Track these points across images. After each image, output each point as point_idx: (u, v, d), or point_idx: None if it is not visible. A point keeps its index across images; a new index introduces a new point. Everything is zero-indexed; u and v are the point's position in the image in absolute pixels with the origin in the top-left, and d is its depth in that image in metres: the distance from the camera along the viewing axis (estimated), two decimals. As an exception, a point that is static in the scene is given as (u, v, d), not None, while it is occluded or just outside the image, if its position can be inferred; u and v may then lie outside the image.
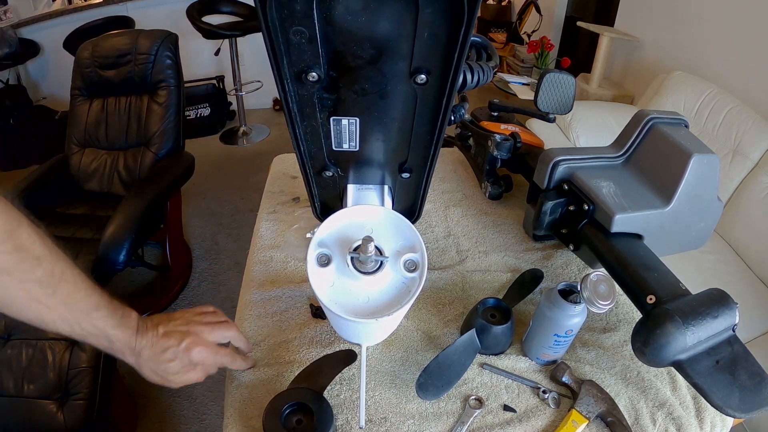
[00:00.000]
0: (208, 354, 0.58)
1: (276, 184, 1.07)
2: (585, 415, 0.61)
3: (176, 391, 1.63)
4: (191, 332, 0.58)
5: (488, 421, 0.62)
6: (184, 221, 2.30)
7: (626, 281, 0.66)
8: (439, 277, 0.83)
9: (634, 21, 2.77)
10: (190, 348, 0.57)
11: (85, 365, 1.17)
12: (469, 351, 0.65)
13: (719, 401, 0.55)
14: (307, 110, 0.49)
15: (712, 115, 1.98)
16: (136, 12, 3.06)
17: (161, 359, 0.56)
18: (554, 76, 0.86)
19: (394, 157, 0.58)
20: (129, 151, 1.88)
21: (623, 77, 2.92)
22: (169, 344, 0.56)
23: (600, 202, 0.73)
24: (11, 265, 0.45)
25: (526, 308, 0.78)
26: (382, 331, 0.62)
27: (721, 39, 2.15)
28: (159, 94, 1.84)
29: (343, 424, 0.61)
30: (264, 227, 0.94)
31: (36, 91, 3.22)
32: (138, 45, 1.81)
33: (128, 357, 0.56)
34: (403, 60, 0.42)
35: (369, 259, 0.50)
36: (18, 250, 0.45)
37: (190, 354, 0.57)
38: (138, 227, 1.52)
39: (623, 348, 0.72)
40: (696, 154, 0.72)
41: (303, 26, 0.38)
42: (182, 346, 0.56)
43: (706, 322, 0.57)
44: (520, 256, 0.88)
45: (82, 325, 0.51)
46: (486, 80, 0.67)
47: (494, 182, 1.00)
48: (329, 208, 0.72)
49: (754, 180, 1.77)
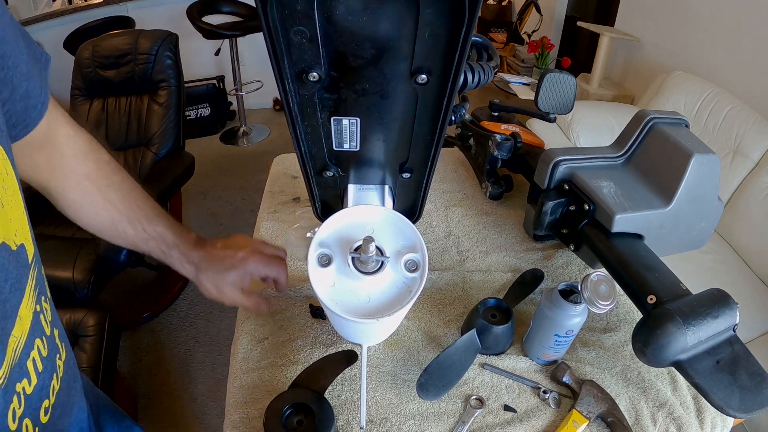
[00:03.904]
0: (262, 264, 0.61)
1: (276, 184, 1.07)
2: (585, 415, 0.61)
3: (177, 391, 1.63)
4: (248, 244, 0.62)
5: (489, 421, 0.62)
6: (185, 221, 2.30)
7: (627, 281, 0.66)
8: (440, 277, 0.83)
9: (634, 21, 2.77)
10: (248, 257, 0.60)
11: (85, 365, 1.17)
12: (469, 351, 0.65)
13: (720, 401, 0.55)
14: (308, 110, 0.49)
15: (712, 115, 1.98)
16: (136, 12, 3.06)
17: (220, 267, 0.59)
18: (554, 76, 0.86)
19: (394, 157, 0.58)
20: (129, 151, 1.88)
21: (623, 77, 2.92)
22: (228, 253, 0.60)
23: (600, 202, 0.73)
24: (93, 172, 0.56)
25: (526, 308, 0.78)
26: (382, 331, 0.62)
27: (722, 39, 2.15)
28: (159, 94, 1.84)
29: (344, 425, 0.61)
30: (264, 227, 0.94)
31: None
32: (138, 45, 1.81)
33: (186, 266, 0.60)
34: (404, 60, 0.42)
35: (370, 259, 0.50)
36: (99, 162, 0.56)
37: (247, 263, 0.60)
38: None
39: (624, 348, 0.72)
40: (696, 154, 0.72)
41: (304, 26, 0.38)
42: (240, 255, 0.60)
43: (706, 322, 0.57)
44: (520, 256, 0.88)
45: (146, 227, 0.58)
46: (486, 80, 0.67)
47: (495, 182, 1.00)
48: (330, 208, 0.72)
49: (755, 180, 1.77)
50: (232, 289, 0.60)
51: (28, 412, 0.38)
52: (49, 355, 0.43)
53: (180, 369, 1.71)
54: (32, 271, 0.41)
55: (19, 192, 0.39)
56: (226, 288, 0.60)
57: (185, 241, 0.60)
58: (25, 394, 0.38)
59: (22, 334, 0.38)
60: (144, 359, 1.75)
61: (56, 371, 0.44)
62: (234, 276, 0.59)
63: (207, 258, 0.60)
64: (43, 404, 0.41)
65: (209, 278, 0.60)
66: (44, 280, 0.45)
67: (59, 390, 0.45)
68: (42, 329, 0.42)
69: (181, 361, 1.74)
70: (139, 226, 0.57)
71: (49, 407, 0.42)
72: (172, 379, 1.68)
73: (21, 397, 0.37)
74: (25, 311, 0.38)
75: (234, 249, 0.61)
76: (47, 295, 0.45)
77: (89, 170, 0.55)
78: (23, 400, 0.38)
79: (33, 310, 0.40)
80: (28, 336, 0.39)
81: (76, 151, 0.55)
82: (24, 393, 0.38)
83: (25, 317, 0.38)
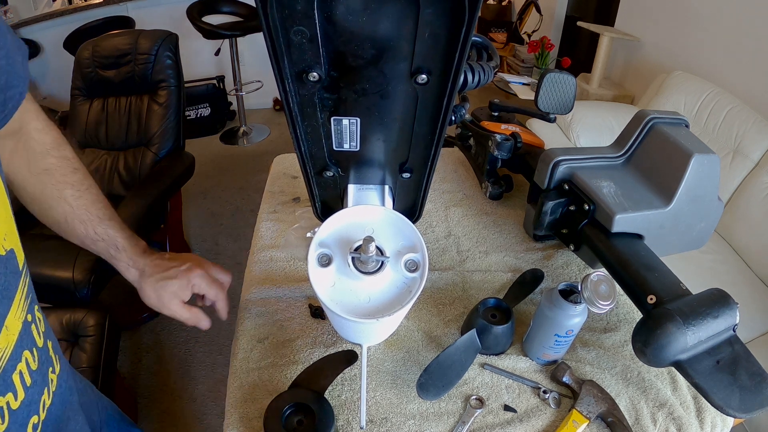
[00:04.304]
0: (205, 281, 0.62)
1: (276, 184, 1.07)
2: (585, 415, 0.61)
3: (177, 391, 1.63)
4: (195, 259, 0.63)
5: (489, 421, 0.62)
6: (185, 221, 2.30)
7: (627, 281, 0.66)
8: (440, 277, 0.83)
9: (634, 21, 2.77)
10: (192, 269, 0.61)
11: (85, 365, 1.17)
12: (469, 351, 0.65)
13: (720, 401, 0.55)
14: (308, 110, 0.49)
15: (712, 115, 1.98)
16: (136, 12, 3.06)
17: (163, 276, 0.59)
18: (554, 76, 0.86)
19: (394, 157, 0.58)
20: (129, 151, 1.88)
21: (623, 77, 2.92)
22: (173, 264, 0.61)
23: (600, 202, 0.73)
24: (55, 168, 0.56)
25: (526, 308, 0.78)
26: (383, 331, 0.62)
27: (722, 39, 2.15)
28: (159, 94, 1.84)
29: (344, 425, 0.61)
30: (264, 227, 0.94)
31: (36, 92, 3.22)
32: (138, 45, 1.81)
33: (131, 271, 0.61)
34: (404, 60, 0.42)
35: (370, 259, 0.50)
36: (61, 159, 0.57)
37: (190, 275, 0.60)
38: (138, 227, 1.52)
39: (624, 348, 0.72)
40: (696, 154, 0.72)
41: (304, 26, 0.38)
42: (184, 267, 0.61)
43: (706, 322, 0.57)
44: (520, 256, 0.88)
45: (96, 229, 0.58)
46: (487, 80, 0.67)
47: (495, 182, 1.00)
48: (330, 208, 0.72)
49: (755, 180, 1.77)
50: (172, 298, 0.60)
51: (14, 428, 0.37)
52: (39, 369, 0.41)
53: (180, 369, 1.71)
54: (23, 278, 0.39)
55: (6, 196, 0.38)
56: (166, 296, 0.59)
57: (134, 247, 0.61)
58: (9, 409, 0.36)
59: (8, 345, 0.36)
60: (144, 359, 1.75)
61: (48, 385, 0.43)
62: (175, 285, 0.59)
63: (152, 265, 0.60)
64: (32, 420, 0.40)
65: (151, 285, 0.59)
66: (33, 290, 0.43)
67: (51, 405, 0.43)
68: (33, 340, 0.40)
69: (181, 361, 1.74)
70: (90, 225, 0.58)
71: (38, 423, 0.41)
72: (172, 379, 1.68)
73: (5, 412, 0.36)
74: (12, 321, 0.37)
75: (180, 261, 0.61)
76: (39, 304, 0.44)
77: (49, 165, 0.56)
78: (7, 416, 0.36)
79: (23, 319, 0.39)
80: (14, 347, 0.37)
81: (42, 145, 0.56)
82: (8, 408, 0.36)
83: (12, 327, 0.37)
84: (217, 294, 0.64)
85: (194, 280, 0.60)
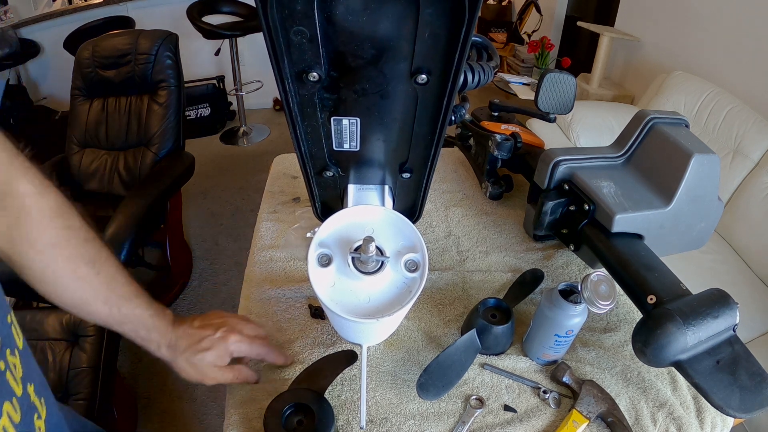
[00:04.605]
0: (244, 344, 0.58)
1: (276, 184, 1.07)
2: (585, 415, 0.61)
3: (177, 391, 1.63)
4: (227, 323, 0.59)
5: (489, 421, 0.62)
6: (185, 221, 2.30)
7: (627, 281, 0.66)
8: (440, 277, 0.83)
9: (634, 21, 2.77)
10: (227, 336, 0.57)
11: (85, 365, 1.17)
12: (469, 351, 0.65)
13: (720, 401, 0.55)
14: (308, 110, 0.49)
15: (712, 115, 1.98)
16: (136, 12, 3.06)
17: (198, 348, 0.56)
18: (554, 76, 0.86)
19: (394, 157, 0.58)
20: (129, 151, 1.89)
21: (623, 77, 2.92)
22: (206, 333, 0.57)
23: (600, 202, 0.73)
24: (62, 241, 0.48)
25: (526, 308, 0.78)
26: (382, 331, 0.62)
27: (722, 39, 2.15)
28: (159, 94, 1.84)
29: (344, 425, 0.61)
30: (264, 227, 0.94)
31: (36, 92, 3.22)
32: (138, 45, 1.81)
33: (164, 350, 0.56)
34: (404, 60, 0.42)
35: (370, 259, 0.50)
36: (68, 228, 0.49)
37: (227, 342, 0.57)
38: (138, 227, 1.52)
39: (624, 348, 0.72)
40: (696, 154, 0.72)
41: (304, 26, 0.38)
42: (218, 335, 0.57)
43: (706, 322, 0.57)
44: (520, 256, 0.88)
45: (121, 309, 0.52)
46: (486, 80, 0.67)
47: (495, 182, 1.00)
48: (330, 208, 0.72)
49: (755, 180, 1.77)
50: (212, 369, 0.57)
51: None
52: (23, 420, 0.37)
53: (180, 369, 1.71)
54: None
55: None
56: (205, 368, 0.56)
57: (162, 319, 0.56)
58: None
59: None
60: (144, 359, 1.75)
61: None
62: (213, 356, 0.56)
63: (183, 336, 0.56)
64: None
65: (187, 359, 0.56)
66: (11, 327, 0.39)
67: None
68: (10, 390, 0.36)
69: (181, 361, 1.73)
70: (114, 306, 0.51)
71: None
72: (172, 379, 1.68)
73: None
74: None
75: (212, 329, 0.58)
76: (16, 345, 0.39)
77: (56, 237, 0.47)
78: None
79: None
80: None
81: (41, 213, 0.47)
82: None
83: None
84: (261, 350, 0.60)
85: (232, 347, 0.57)
